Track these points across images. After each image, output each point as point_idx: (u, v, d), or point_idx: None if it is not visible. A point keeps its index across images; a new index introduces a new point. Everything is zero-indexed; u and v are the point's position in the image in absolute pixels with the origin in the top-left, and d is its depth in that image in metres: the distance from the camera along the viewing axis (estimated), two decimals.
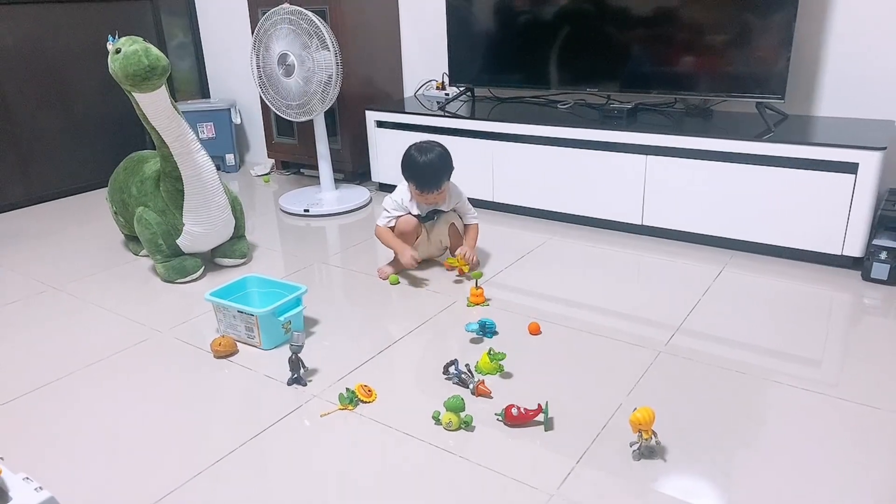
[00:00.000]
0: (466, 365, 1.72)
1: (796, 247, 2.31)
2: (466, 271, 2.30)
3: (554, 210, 2.82)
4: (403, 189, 2.33)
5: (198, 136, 2.38)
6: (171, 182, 2.29)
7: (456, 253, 2.32)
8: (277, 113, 3.11)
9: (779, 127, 2.42)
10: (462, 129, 2.93)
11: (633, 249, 2.55)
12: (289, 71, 2.92)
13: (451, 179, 2.32)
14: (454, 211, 2.39)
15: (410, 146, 2.28)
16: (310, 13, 2.81)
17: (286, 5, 2.85)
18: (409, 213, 2.31)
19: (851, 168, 2.14)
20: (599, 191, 2.66)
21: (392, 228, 2.32)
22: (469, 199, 2.42)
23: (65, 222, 3.18)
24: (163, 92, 2.11)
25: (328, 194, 3.25)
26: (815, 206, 2.23)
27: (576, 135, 2.65)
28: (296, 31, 2.84)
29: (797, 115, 2.58)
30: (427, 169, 2.23)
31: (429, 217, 2.36)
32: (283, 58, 2.92)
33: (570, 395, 1.64)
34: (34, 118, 3.43)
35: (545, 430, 1.51)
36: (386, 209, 2.34)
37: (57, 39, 3.46)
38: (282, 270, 2.50)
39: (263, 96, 3.09)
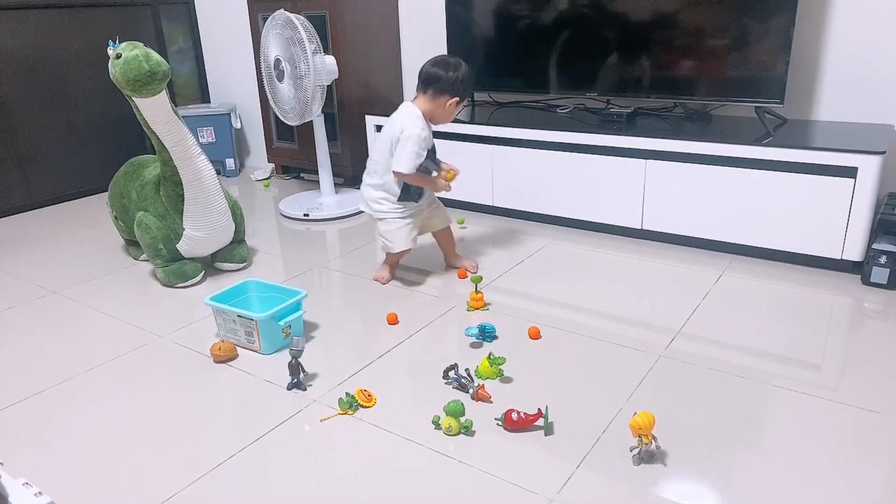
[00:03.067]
0: (466, 369, 1.72)
1: (796, 251, 2.31)
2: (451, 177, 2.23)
3: (553, 214, 2.82)
4: (415, 119, 2.14)
5: (198, 140, 2.38)
6: (172, 187, 2.29)
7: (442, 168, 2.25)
8: (279, 116, 3.12)
9: (778, 131, 2.43)
10: (461, 134, 2.94)
11: (632, 254, 2.55)
12: (281, 76, 2.94)
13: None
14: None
15: (457, 68, 2.13)
16: (295, 19, 2.81)
17: (281, 11, 2.86)
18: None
19: (851, 172, 2.14)
20: (599, 195, 2.66)
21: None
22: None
23: (65, 227, 3.18)
24: (163, 97, 2.12)
25: (328, 199, 3.25)
26: (814, 210, 2.23)
27: (575, 139, 2.65)
28: (287, 38, 2.85)
29: (796, 120, 2.58)
30: (470, 72, 2.16)
31: (425, 169, 2.23)
32: (276, 63, 2.93)
33: (571, 399, 1.64)
34: (35, 123, 3.44)
35: (545, 435, 1.51)
36: (417, 150, 2.12)
37: (58, 44, 3.46)
38: (282, 275, 2.50)
39: (270, 99, 3.11)
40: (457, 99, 2.17)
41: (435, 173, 2.26)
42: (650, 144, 2.49)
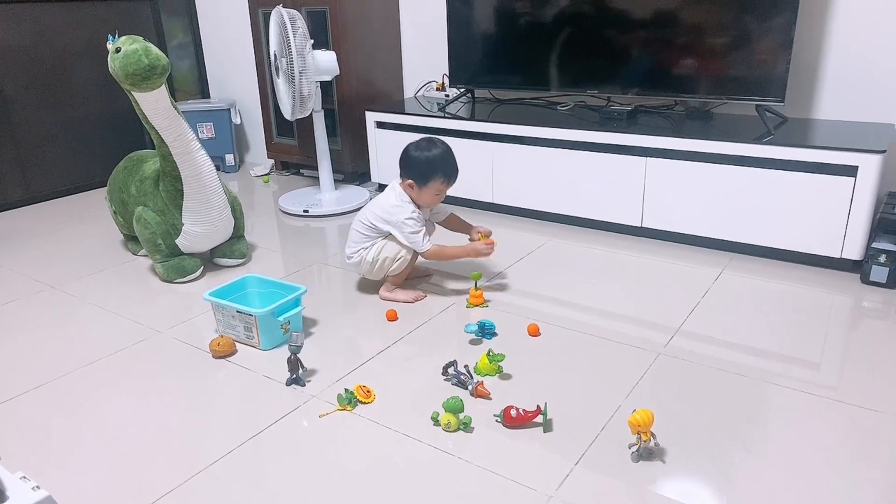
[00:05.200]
0: (465, 366, 1.72)
1: (796, 249, 2.31)
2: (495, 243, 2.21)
3: (553, 212, 2.82)
4: (405, 202, 2.10)
5: (197, 136, 2.38)
6: (171, 182, 2.29)
7: (475, 235, 2.24)
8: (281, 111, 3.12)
9: (779, 130, 2.42)
10: (462, 131, 2.93)
11: (632, 251, 2.55)
12: (278, 71, 2.94)
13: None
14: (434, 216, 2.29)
15: (416, 149, 2.09)
16: (286, 15, 2.80)
17: (279, 6, 2.86)
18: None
19: (851, 171, 2.14)
20: (599, 193, 2.66)
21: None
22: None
23: (64, 222, 3.18)
24: (163, 91, 2.11)
25: (328, 195, 3.25)
26: (814, 209, 2.23)
27: (576, 137, 2.65)
28: (282, 33, 2.84)
29: (797, 118, 2.58)
30: (451, 155, 2.11)
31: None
32: (275, 57, 2.93)
33: (570, 396, 1.64)
34: (34, 117, 3.43)
35: (544, 432, 1.51)
36: (415, 232, 2.09)
37: (57, 39, 3.46)
38: (281, 271, 2.50)
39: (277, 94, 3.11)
40: (419, 182, 2.08)
41: None
42: (650, 142, 2.48)
